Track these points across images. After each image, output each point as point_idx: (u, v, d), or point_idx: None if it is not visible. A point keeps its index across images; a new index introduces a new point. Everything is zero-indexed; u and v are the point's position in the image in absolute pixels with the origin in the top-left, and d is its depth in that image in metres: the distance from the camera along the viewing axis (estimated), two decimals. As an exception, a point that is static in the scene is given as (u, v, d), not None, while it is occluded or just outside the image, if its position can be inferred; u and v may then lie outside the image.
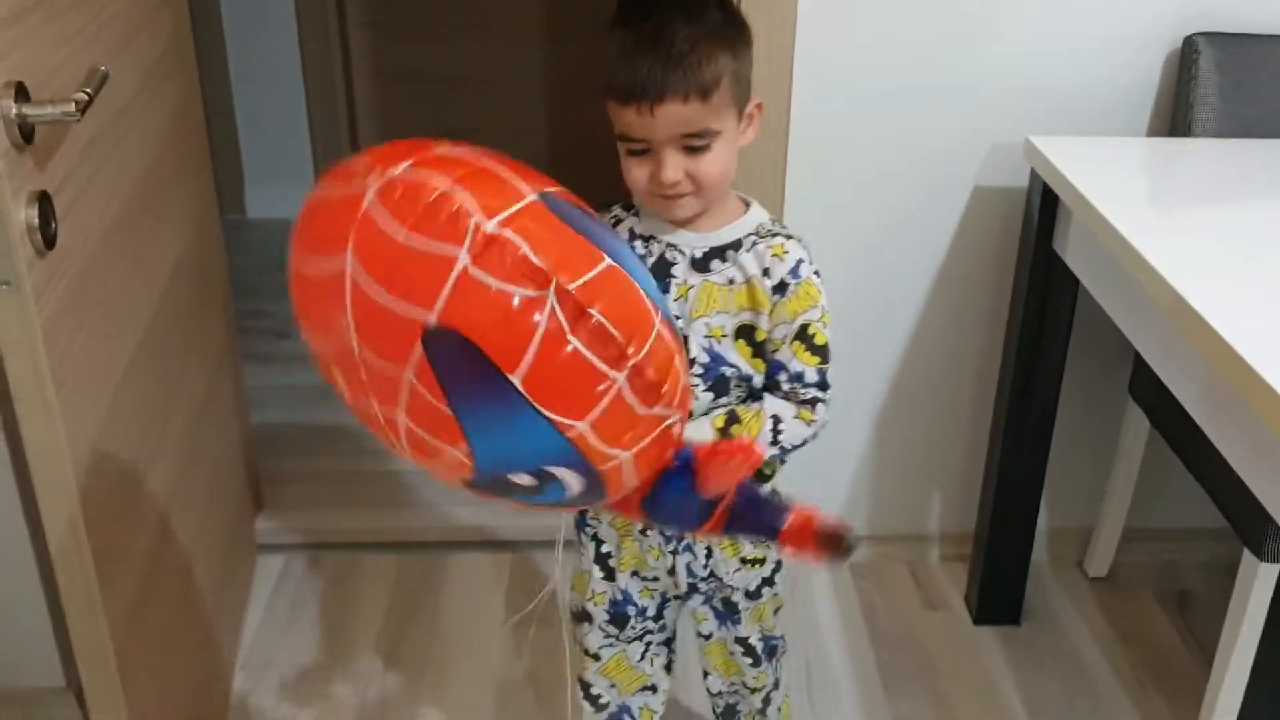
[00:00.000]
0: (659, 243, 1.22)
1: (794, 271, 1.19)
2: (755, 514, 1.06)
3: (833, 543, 1.04)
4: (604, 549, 1.37)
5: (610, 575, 1.38)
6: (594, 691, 1.46)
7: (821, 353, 1.21)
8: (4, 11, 1.05)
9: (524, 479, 0.93)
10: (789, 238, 1.22)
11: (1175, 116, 1.77)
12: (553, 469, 0.91)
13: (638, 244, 1.23)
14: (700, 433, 1.18)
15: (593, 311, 0.86)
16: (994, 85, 1.80)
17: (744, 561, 1.35)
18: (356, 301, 0.86)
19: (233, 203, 3.46)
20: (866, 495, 2.11)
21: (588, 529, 1.38)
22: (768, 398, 1.23)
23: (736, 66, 1.13)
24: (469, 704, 1.82)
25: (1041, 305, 1.80)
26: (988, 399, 1.98)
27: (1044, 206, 1.72)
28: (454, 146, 0.94)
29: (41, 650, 1.73)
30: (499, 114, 3.51)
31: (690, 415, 1.07)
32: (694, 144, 1.13)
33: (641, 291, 0.93)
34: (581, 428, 0.88)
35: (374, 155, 0.92)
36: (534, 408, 0.86)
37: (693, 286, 1.21)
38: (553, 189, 0.93)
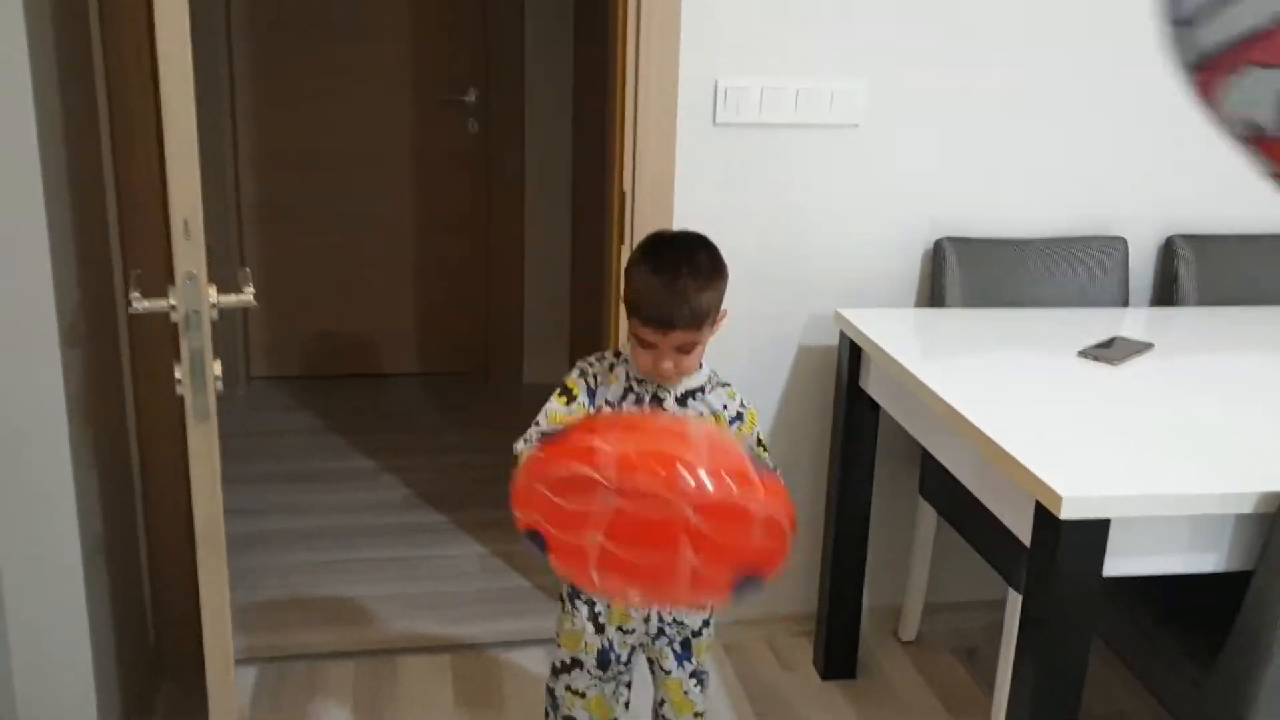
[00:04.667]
0: (650, 385, 1.79)
1: (742, 404, 1.83)
2: None
3: None
4: (595, 609, 1.89)
5: (600, 629, 1.90)
6: (576, 723, 1.96)
7: (766, 447, 1.84)
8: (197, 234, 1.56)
9: None
10: (728, 385, 1.84)
11: (933, 293, 2.54)
12: None
13: (635, 384, 1.79)
14: None
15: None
16: (809, 274, 2.53)
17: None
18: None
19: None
20: (731, 588, 2.70)
21: (580, 597, 1.89)
22: None
23: (717, 298, 1.74)
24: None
25: (853, 430, 2.48)
26: (821, 505, 2.63)
27: (851, 357, 2.42)
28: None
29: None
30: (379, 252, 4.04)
31: None
32: (685, 349, 1.72)
33: None
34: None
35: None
36: None
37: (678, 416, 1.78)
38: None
